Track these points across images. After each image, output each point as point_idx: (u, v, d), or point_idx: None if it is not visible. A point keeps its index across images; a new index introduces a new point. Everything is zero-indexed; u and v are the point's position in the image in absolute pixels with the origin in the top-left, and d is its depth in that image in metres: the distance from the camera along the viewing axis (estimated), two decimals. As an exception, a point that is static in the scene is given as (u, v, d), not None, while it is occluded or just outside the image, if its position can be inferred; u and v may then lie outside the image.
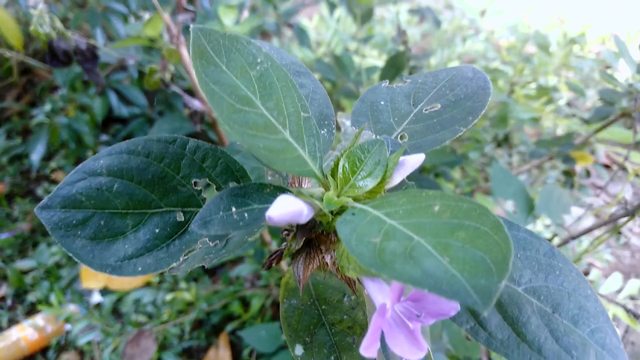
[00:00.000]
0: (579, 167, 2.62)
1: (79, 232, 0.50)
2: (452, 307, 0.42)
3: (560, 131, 2.42)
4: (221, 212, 0.47)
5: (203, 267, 0.59)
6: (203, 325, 2.42)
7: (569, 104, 3.29)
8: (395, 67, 2.02)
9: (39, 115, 2.80)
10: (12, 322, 2.48)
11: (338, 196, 0.48)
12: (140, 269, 0.50)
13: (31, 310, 2.53)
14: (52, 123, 2.71)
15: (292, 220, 0.43)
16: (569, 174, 2.44)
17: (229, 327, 2.32)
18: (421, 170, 2.25)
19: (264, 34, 3.31)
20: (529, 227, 1.85)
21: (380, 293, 0.44)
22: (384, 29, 3.17)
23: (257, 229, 0.65)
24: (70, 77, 2.65)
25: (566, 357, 0.44)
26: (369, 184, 0.47)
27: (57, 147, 2.99)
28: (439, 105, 0.59)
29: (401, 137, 0.58)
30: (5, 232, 2.83)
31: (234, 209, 0.47)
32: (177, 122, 1.97)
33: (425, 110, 0.59)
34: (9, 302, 2.60)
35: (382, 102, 0.62)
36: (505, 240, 0.36)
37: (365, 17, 1.99)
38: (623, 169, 1.83)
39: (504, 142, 2.37)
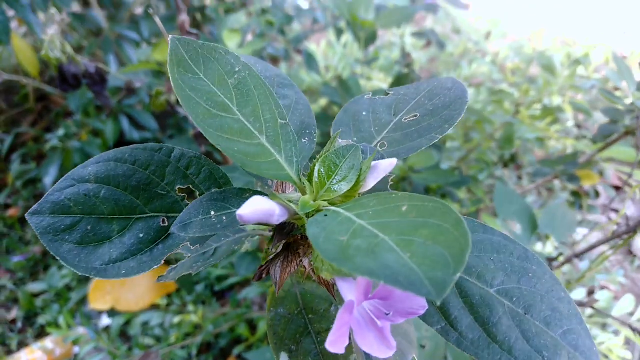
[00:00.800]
0: (587, 188, 2.60)
1: (67, 237, 0.52)
2: (421, 306, 0.43)
3: (567, 152, 2.41)
4: (200, 216, 0.48)
5: (212, 291, 0.60)
6: (211, 348, 2.41)
7: (579, 126, 3.28)
8: (399, 83, 2.04)
9: (52, 140, 2.86)
10: (22, 345, 2.50)
11: (314, 200, 0.49)
12: (124, 272, 0.51)
13: (41, 333, 2.55)
14: (65, 147, 2.78)
15: (264, 220, 0.44)
16: (577, 194, 2.42)
17: (236, 350, 2.31)
18: (427, 190, 2.25)
19: (274, 60, 3.38)
20: (538, 247, 1.83)
21: (349, 292, 0.45)
22: (392, 54, 3.21)
23: (244, 238, 0.67)
24: (83, 102, 2.72)
25: (537, 357, 0.45)
26: (344, 187, 0.49)
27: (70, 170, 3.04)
28: (418, 115, 0.60)
29: (380, 146, 0.60)
30: (18, 255, 2.88)
31: (212, 213, 0.49)
32: (185, 144, 2.00)
33: (405, 119, 0.61)
34: (19, 324, 2.62)
35: (364, 113, 0.64)
36: (464, 235, 0.37)
37: (369, 40, 2.03)
38: (628, 186, 1.82)
39: (510, 162, 2.37)
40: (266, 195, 0.52)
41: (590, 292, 1.42)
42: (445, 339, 0.46)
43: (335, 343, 0.39)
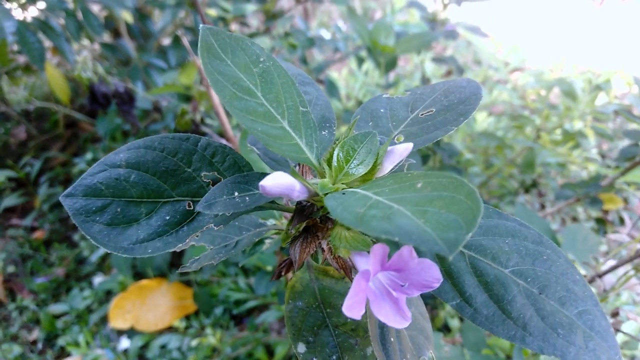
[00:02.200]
0: (611, 217, 2.56)
1: (98, 218, 0.55)
2: (435, 278, 0.44)
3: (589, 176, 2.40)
4: (224, 196, 0.51)
5: (231, 315, 0.62)
6: (228, 372, 2.40)
7: (603, 156, 3.25)
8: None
9: (80, 164, 2.95)
10: (42, 366, 2.52)
11: (333, 183, 0.51)
12: (150, 250, 0.54)
13: (60, 355, 2.56)
14: (92, 171, 2.85)
15: (285, 194, 0.47)
16: (601, 221, 2.39)
17: (254, 375, 2.30)
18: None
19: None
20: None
21: (365, 264, 0.46)
22: (412, 82, 3.26)
23: (264, 232, 0.69)
24: (111, 127, 2.81)
25: (552, 334, 0.45)
26: (361, 170, 0.51)
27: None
28: (434, 110, 0.62)
29: (397, 139, 0.62)
30: (42, 277, 2.93)
31: (236, 194, 0.51)
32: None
33: (421, 114, 0.63)
34: (39, 346, 2.64)
35: (381, 110, 0.66)
36: (476, 203, 0.38)
37: (389, 65, 2.07)
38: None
39: (532, 187, 2.36)
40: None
41: (614, 314, 1.39)
42: (461, 314, 0.47)
43: (351, 307, 0.41)
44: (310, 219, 0.54)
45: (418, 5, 2.26)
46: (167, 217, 0.56)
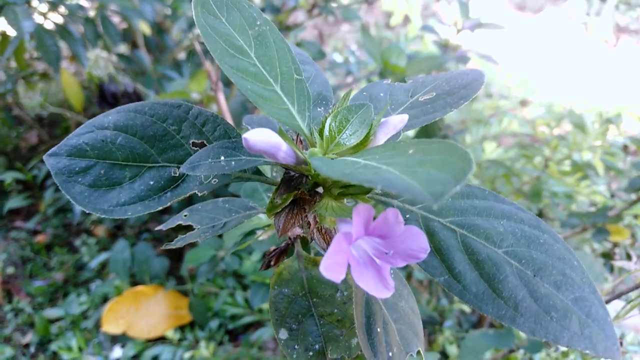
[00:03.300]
0: (618, 253, 2.50)
1: (80, 179, 0.53)
2: (422, 248, 0.42)
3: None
4: (210, 159, 0.49)
5: (227, 331, 0.59)
6: (219, 387, 2.34)
7: (612, 195, 3.20)
8: (426, 134, 2.06)
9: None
10: (33, 371, 2.48)
11: (324, 154, 0.50)
12: (129, 212, 0.52)
13: (52, 360, 2.52)
14: (98, 176, 2.85)
15: (270, 152, 0.45)
16: (607, 256, 2.34)
17: (245, 391, 2.24)
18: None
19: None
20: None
21: (349, 230, 0.44)
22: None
23: (253, 215, 0.67)
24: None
25: (545, 317, 0.42)
26: (353, 141, 0.49)
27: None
28: (434, 93, 0.61)
29: (395, 120, 0.60)
30: (40, 280, 2.90)
31: (222, 158, 0.49)
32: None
33: (421, 98, 0.62)
34: (32, 349, 2.61)
35: (381, 94, 0.65)
36: (468, 162, 0.36)
37: (399, 85, 2.07)
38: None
39: (538, 217, 2.32)
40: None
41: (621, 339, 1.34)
42: (448, 290, 0.44)
43: (329, 268, 0.38)
44: (298, 190, 0.52)
45: (431, 30, 2.27)
46: (151, 182, 0.54)
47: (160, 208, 0.52)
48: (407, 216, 0.47)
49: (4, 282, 2.95)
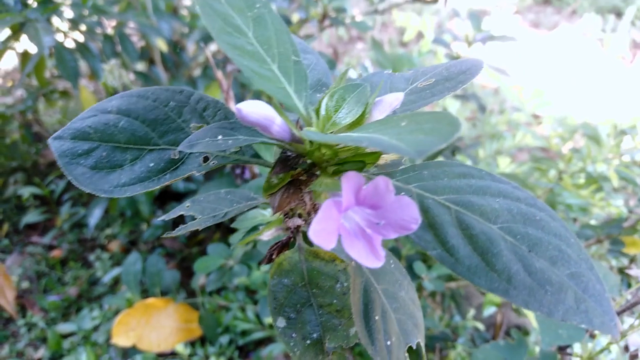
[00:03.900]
0: (634, 271, 2.44)
1: (82, 161, 0.54)
2: (413, 218, 0.41)
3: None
4: (207, 138, 0.50)
5: (237, 347, 0.59)
6: (230, 403, 2.32)
7: (630, 211, 3.15)
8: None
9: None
10: (43, 386, 2.48)
11: (320, 132, 0.50)
12: (128, 192, 0.53)
13: (62, 376, 2.52)
14: (113, 191, 2.89)
15: (263, 124, 0.45)
16: (623, 273, 2.29)
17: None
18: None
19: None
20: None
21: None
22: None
23: (254, 206, 0.67)
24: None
25: (539, 290, 0.41)
26: (349, 119, 0.49)
27: (116, 215, 3.15)
28: (433, 80, 0.61)
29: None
30: (54, 295, 2.93)
31: (220, 137, 0.50)
32: (224, 186, 2.05)
33: (420, 85, 0.62)
34: (43, 365, 2.61)
35: (381, 82, 0.65)
36: (456, 125, 0.36)
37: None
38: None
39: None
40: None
41: (634, 357, 1.30)
42: (441, 262, 0.44)
43: (318, 234, 0.38)
44: (295, 170, 0.53)
45: (443, 43, 2.28)
46: (151, 164, 0.55)
47: (158, 187, 0.53)
48: (402, 194, 0.47)
49: (18, 296, 2.97)
